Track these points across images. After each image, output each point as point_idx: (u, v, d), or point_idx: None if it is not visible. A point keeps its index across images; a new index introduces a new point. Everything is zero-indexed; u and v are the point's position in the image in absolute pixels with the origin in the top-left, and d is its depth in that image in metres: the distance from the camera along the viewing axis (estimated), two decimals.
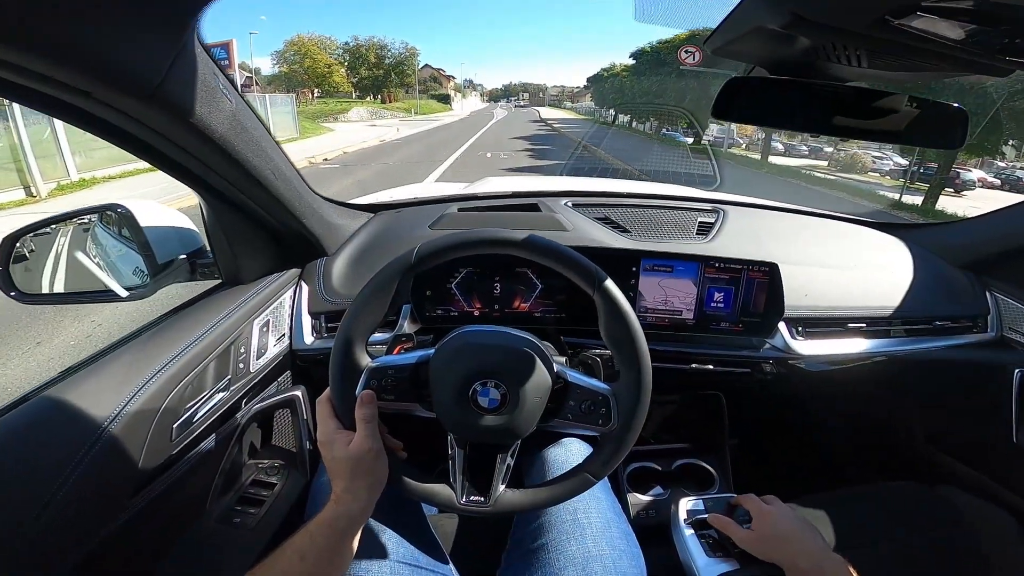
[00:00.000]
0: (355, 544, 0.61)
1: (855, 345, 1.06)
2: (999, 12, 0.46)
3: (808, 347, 1.04)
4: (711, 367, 1.05)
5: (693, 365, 1.05)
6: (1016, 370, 1.06)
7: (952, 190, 15.53)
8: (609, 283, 0.63)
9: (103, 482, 0.62)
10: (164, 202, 0.98)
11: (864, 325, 1.07)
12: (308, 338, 0.99)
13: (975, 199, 15.25)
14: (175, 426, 0.72)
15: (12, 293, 0.87)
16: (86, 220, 0.99)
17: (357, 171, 10.92)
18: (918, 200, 12.82)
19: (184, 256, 0.92)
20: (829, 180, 16.25)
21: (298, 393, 0.97)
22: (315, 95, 53.34)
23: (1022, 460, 1.06)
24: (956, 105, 0.67)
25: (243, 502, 0.86)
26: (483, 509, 0.64)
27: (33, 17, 0.39)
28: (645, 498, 1.14)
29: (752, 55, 0.71)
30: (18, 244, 0.89)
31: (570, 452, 0.88)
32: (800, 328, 1.05)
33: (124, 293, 0.91)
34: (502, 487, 0.65)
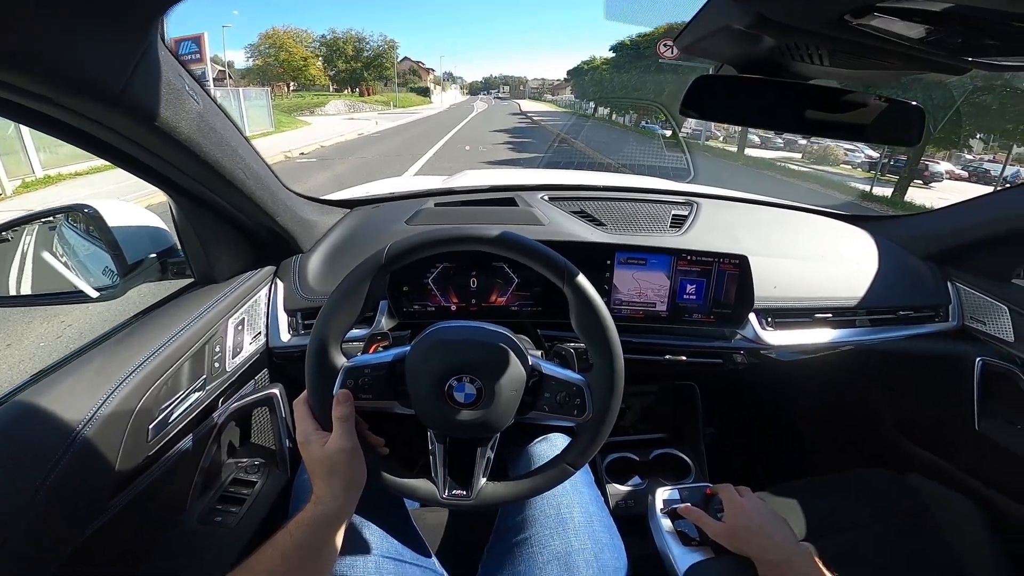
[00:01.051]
0: (339, 542, 0.61)
1: (822, 335, 1.09)
2: (952, 14, 0.48)
3: (777, 337, 1.07)
4: (684, 358, 1.08)
5: (667, 357, 1.07)
6: (977, 358, 1.10)
7: (921, 182, 15.98)
8: (578, 275, 0.64)
9: (80, 486, 0.61)
10: (134, 199, 0.96)
11: (830, 315, 1.10)
12: (284, 336, 0.98)
13: (943, 191, 15.72)
14: (151, 427, 0.71)
15: None
16: (52, 220, 0.97)
17: (334, 165, 10.74)
18: (888, 192, 13.14)
19: (154, 255, 0.91)
20: (803, 172, 16.58)
21: (276, 391, 0.96)
22: (291, 89, 52.32)
23: (983, 447, 1.10)
24: (914, 104, 0.69)
25: (224, 501, 0.86)
26: (465, 502, 0.65)
27: None
28: (624, 488, 1.17)
29: (720, 53, 0.72)
30: None
31: (555, 447, 0.88)
32: (769, 319, 1.08)
33: (94, 294, 0.89)
34: (483, 480, 0.66)
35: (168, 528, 0.79)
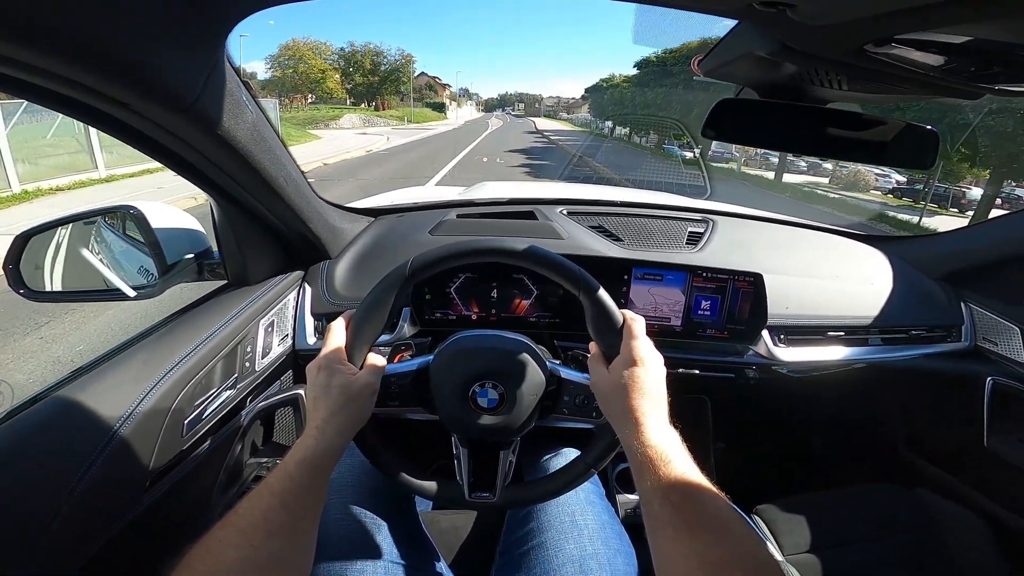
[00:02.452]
0: (327, 486, 0.58)
1: (834, 353, 1.10)
2: (966, 45, 0.51)
3: (789, 354, 1.08)
4: (697, 372, 1.09)
5: (680, 370, 1.08)
6: (988, 378, 1.10)
7: (957, 210, 15.80)
8: (592, 281, 0.65)
9: (118, 477, 0.64)
10: None
11: (843, 333, 1.11)
12: (311, 339, 1.01)
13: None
14: (186, 422, 0.74)
15: (21, 291, 0.88)
16: (92, 219, 0.99)
17: (332, 187, 10.18)
18: (934, 222, 12.65)
19: (191, 256, 0.94)
20: (844, 203, 15.83)
21: (300, 392, 0.99)
22: (308, 101, 53.19)
23: (992, 464, 1.10)
24: (929, 127, 0.71)
25: None
26: (490, 502, 0.67)
27: (88, 35, 0.42)
28: (634, 498, 1.17)
29: (742, 78, 0.75)
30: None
31: (569, 461, 0.90)
32: (782, 336, 1.09)
33: (132, 293, 0.92)
34: (507, 482, 0.69)
35: (192, 524, 0.81)
